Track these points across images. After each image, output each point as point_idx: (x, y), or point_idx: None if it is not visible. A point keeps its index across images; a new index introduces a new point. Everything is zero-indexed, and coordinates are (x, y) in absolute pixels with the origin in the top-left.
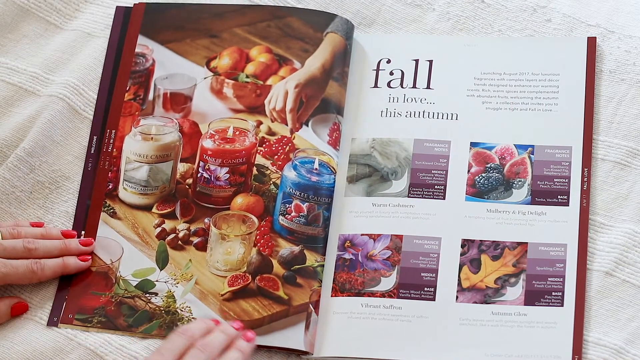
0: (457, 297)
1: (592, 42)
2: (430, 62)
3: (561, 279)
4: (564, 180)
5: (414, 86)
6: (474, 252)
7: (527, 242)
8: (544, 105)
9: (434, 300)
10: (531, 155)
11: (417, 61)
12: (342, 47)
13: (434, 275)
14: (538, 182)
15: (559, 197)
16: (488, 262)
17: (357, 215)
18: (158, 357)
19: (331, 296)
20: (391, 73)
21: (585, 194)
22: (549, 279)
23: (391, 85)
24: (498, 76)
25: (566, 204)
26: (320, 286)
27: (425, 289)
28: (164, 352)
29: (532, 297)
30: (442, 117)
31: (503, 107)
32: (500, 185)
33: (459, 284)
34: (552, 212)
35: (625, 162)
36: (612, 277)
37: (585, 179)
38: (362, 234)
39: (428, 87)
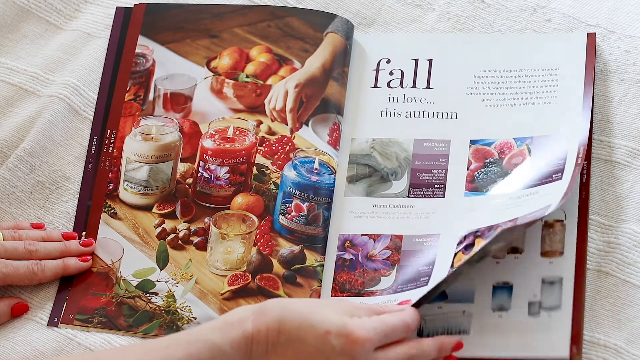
0: None
1: (591, 38)
2: (430, 61)
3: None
4: None
5: (414, 86)
6: (470, 239)
7: (517, 217)
8: (543, 102)
9: None
10: (530, 146)
11: (416, 61)
12: (342, 47)
13: None
14: None
15: None
16: (481, 243)
17: (357, 216)
18: None
19: (331, 296)
20: (391, 73)
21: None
22: None
23: (391, 85)
24: (498, 73)
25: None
26: (320, 286)
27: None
28: None
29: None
30: (442, 116)
31: (503, 104)
32: (499, 178)
33: None
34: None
35: (625, 162)
36: (612, 277)
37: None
38: (362, 234)
39: (428, 86)
